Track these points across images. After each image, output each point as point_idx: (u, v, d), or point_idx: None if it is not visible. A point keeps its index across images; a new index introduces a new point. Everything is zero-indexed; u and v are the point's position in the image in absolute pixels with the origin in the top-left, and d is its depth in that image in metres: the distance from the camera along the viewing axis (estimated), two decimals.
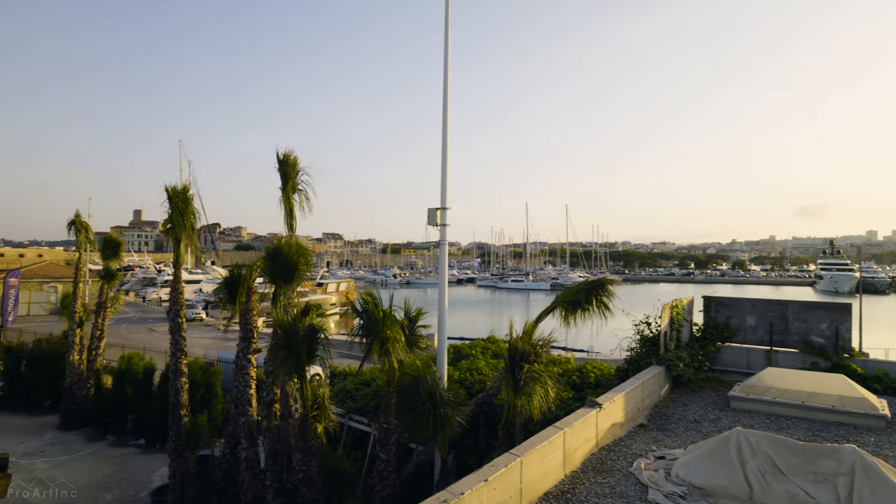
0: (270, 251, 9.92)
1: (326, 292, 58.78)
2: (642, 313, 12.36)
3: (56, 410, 19.68)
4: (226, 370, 18.45)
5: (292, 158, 11.16)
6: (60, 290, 46.40)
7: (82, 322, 19.70)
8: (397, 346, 8.30)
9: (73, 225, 20.76)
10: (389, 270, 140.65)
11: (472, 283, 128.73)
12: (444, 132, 9.96)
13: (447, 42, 10.07)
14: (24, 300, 44.58)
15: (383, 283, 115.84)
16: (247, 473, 10.08)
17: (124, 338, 32.36)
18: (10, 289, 29.43)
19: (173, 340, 12.22)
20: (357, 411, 12.33)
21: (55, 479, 14.40)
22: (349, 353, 26.49)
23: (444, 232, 9.90)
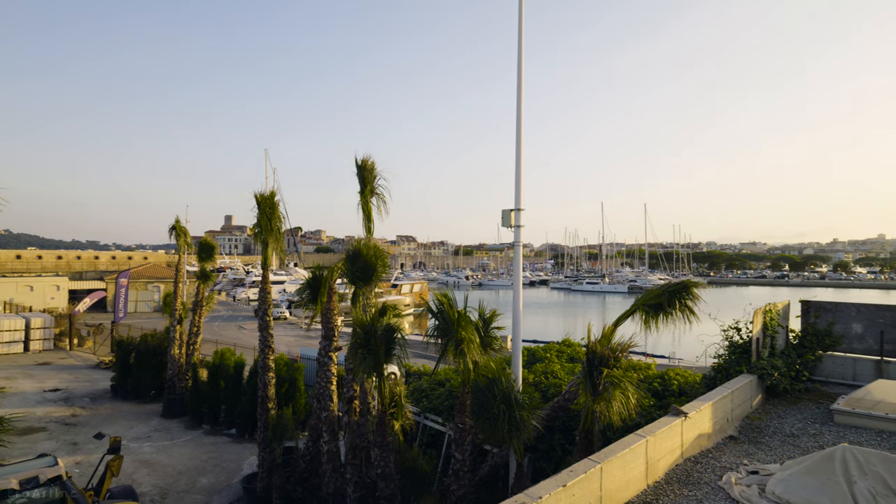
0: (350, 253, 10.31)
1: (401, 293, 60.11)
2: (731, 318, 11.62)
3: (159, 399, 21.51)
4: (308, 367, 19.39)
5: (370, 163, 11.52)
6: (162, 290, 50.76)
7: (181, 319, 21.41)
8: (472, 347, 8.34)
9: (173, 230, 22.62)
10: (462, 272, 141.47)
11: (545, 286, 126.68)
12: (518, 132, 9.90)
13: (521, 41, 10.00)
14: (132, 298, 49.18)
15: (456, 284, 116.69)
16: (328, 466, 10.53)
17: (217, 334, 34.84)
18: (121, 288, 32.53)
19: (262, 337, 12.99)
20: (432, 410, 12.52)
21: (159, 462, 15.77)
22: (423, 353, 26.95)
23: (518, 233, 9.83)
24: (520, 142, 9.91)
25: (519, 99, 9.95)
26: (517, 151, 9.92)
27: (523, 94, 10.01)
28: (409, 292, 62.35)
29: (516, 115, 9.96)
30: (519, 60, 10.01)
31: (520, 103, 9.94)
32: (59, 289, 46.84)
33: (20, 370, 26.76)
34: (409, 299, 59.59)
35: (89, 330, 34.72)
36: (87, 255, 74.42)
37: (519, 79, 10.00)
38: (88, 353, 32.00)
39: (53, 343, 33.06)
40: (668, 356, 27.08)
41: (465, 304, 8.95)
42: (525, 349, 14.67)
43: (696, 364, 21.10)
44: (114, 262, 71.67)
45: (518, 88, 9.99)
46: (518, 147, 9.91)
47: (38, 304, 42.05)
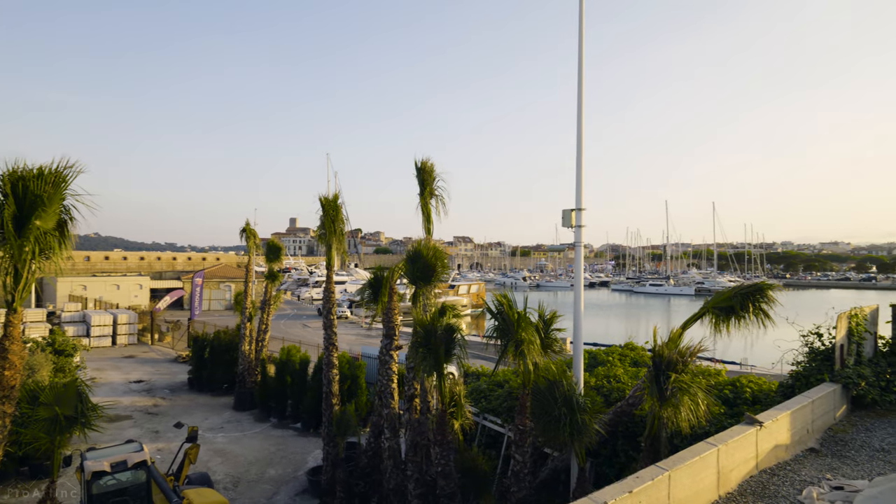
0: (411, 254, 10.49)
1: (458, 294, 60.28)
2: (811, 323, 10.87)
3: (231, 393, 22.68)
4: (369, 364, 19.86)
5: (429, 165, 11.68)
6: (233, 289, 53.51)
7: (251, 317, 22.48)
8: (532, 349, 8.27)
9: (243, 232, 23.81)
10: (519, 273, 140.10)
11: (605, 287, 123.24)
12: (579, 131, 9.73)
13: (581, 38, 9.83)
14: (206, 297, 52.17)
15: (513, 285, 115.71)
16: (389, 462, 10.74)
17: (283, 332, 36.29)
18: (197, 287, 34.57)
19: (326, 335, 13.42)
20: (490, 411, 12.50)
21: (231, 452, 16.64)
22: (481, 354, 26.94)
23: (579, 233, 9.66)
24: (581, 140, 9.73)
25: (580, 97, 9.78)
26: (578, 150, 9.76)
27: (584, 91, 9.84)
28: (467, 293, 62.43)
29: (577, 114, 9.80)
30: (580, 59, 9.84)
31: (580, 101, 9.77)
32: (141, 287, 50.42)
33: (108, 362, 29.01)
34: (466, 300, 59.66)
35: (168, 326, 37.16)
36: (165, 256, 79.74)
37: (580, 77, 9.83)
38: (167, 348, 34.24)
39: (137, 338, 35.62)
40: (739, 362, 25.66)
41: (525, 304, 8.88)
42: (586, 352, 14.36)
43: (770, 371, 19.89)
44: (189, 262, 76.32)
45: (579, 86, 9.83)
46: (579, 146, 9.74)
47: (124, 302, 45.43)
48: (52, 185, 7.14)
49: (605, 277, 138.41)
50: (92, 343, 32.90)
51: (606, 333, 44.43)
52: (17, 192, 6.89)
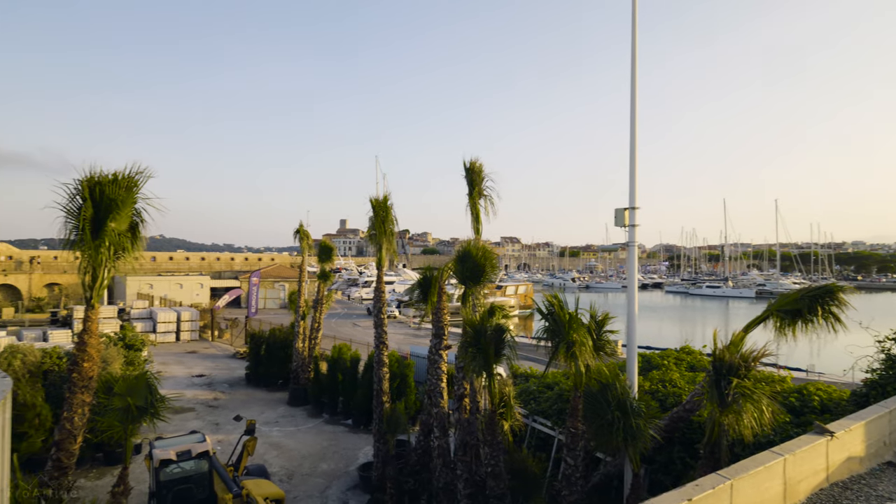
0: (460, 254, 10.53)
1: (505, 295, 59.94)
2: (887, 328, 10.14)
3: (285, 388, 23.45)
4: (418, 364, 20.04)
5: (477, 166, 11.67)
6: (287, 288, 55.30)
7: (304, 315, 23.17)
8: (584, 351, 8.12)
9: (297, 233, 24.59)
10: (568, 274, 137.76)
11: (658, 289, 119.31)
12: (633, 127, 9.47)
13: (634, 33, 9.57)
14: (262, 296, 54.13)
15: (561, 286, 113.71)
16: (439, 461, 10.81)
17: (335, 330, 37.17)
18: (253, 286, 35.96)
19: (377, 334, 13.65)
20: (540, 413, 12.36)
21: (286, 445, 17.19)
22: (529, 355, 26.68)
23: (632, 233, 9.40)
24: (634, 137, 9.48)
25: (633, 92, 9.52)
26: (631, 147, 9.51)
27: (637, 87, 9.57)
28: (514, 294, 61.99)
29: (630, 110, 9.55)
30: (632, 54, 9.58)
31: (633, 97, 9.51)
32: (202, 286, 52.95)
33: (173, 357, 30.61)
34: (513, 301, 59.24)
35: (227, 323, 38.83)
36: (224, 256, 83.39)
37: (633, 73, 9.57)
38: (226, 344, 35.78)
39: (198, 334, 37.44)
40: (805, 369, 24.26)
41: (577, 306, 8.73)
42: (640, 355, 13.96)
43: (841, 379, 18.68)
44: (246, 262, 79.50)
45: (632, 82, 9.57)
46: (632, 143, 9.48)
47: (187, 300, 47.84)
48: (126, 189, 7.63)
49: (659, 279, 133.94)
50: (158, 339, 34.82)
51: (660, 336, 43.03)
52: (94, 196, 7.41)
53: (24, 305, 50.91)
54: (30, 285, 54.05)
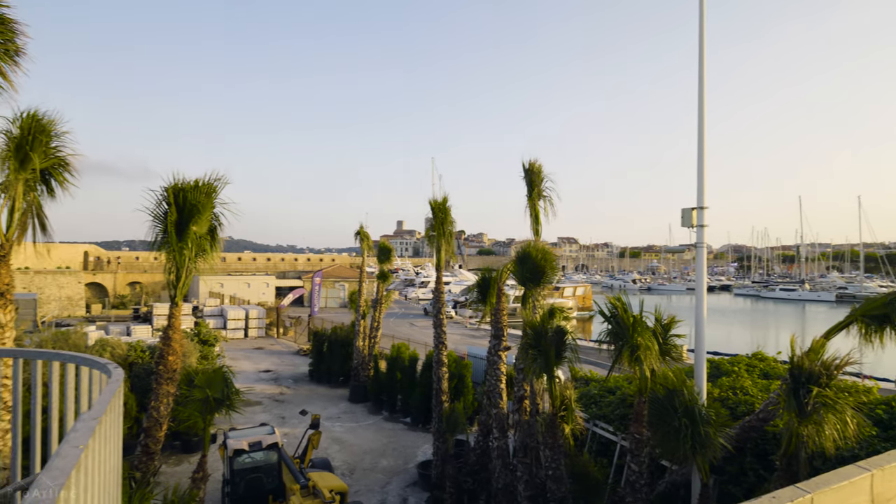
0: (520, 255, 10.51)
1: (563, 296, 58.94)
2: None
3: (346, 385, 24.14)
4: (475, 365, 20.10)
5: (536, 166, 11.61)
6: (347, 288, 56.86)
7: (364, 315, 23.77)
8: (649, 355, 7.91)
9: (357, 235, 25.27)
10: (628, 275, 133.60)
11: (727, 291, 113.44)
12: (700, 122, 9.13)
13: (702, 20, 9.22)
14: (323, 295, 55.94)
15: (621, 288, 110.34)
16: (498, 462, 10.83)
17: (393, 330, 37.85)
18: (316, 286, 37.26)
19: (436, 334, 13.84)
20: (601, 418, 12.12)
21: (347, 441, 17.72)
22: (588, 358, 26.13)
23: (701, 234, 9.06)
24: (702, 132, 9.13)
25: (700, 85, 9.18)
26: (699, 143, 9.16)
27: (705, 79, 9.22)
28: (572, 295, 60.83)
29: (698, 104, 9.20)
30: (700, 44, 9.23)
31: (701, 90, 9.16)
32: (268, 286, 55.40)
33: (241, 353, 32.20)
34: (571, 303, 58.13)
35: (291, 321, 40.43)
36: (288, 257, 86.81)
37: (700, 64, 9.22)
38: (290, 342, 37.25)
39: (265, 331, 39.18)
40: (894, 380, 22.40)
41: (641, 308, 8.52)
42: (708, 361, 13.40)
43: None
44: (309, 263, 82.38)
45: (700, 74, 9.22)
46: (700, 138, 9.14)
47: (254, 299, 50.19)
48: (205, 194, 8.18)
49: (727, 281, 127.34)
50: (228, 335, 36.74)
51: (728, 342, 40.98)
52: (178, 202, 7.99)
53: (109, 302, 55.13)
54: (114, 284, 58.41)
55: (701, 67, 9.21)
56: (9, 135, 7.53)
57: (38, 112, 7.59)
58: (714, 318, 61.28)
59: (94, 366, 2.96)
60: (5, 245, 7.61)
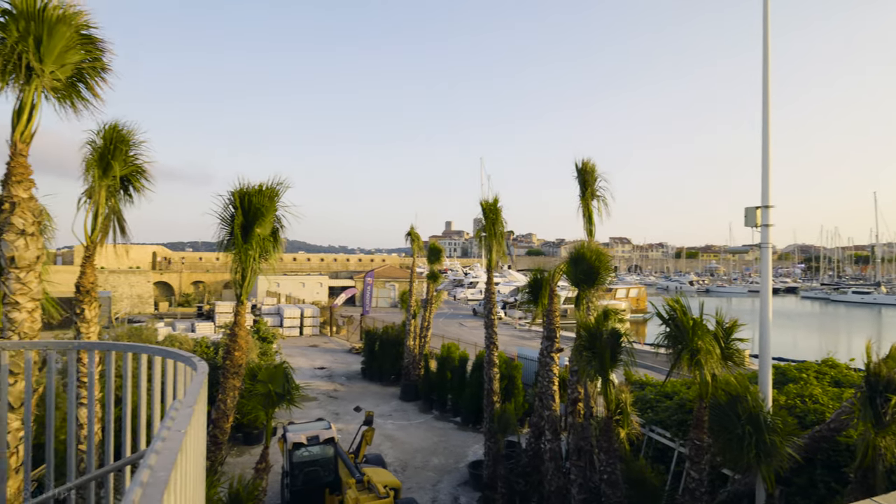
0: (573, 256, 10.41)
1: (616, 298, 57.51)
2: None
3: (397, 384, 24.53)
4: (525, 366, 19.99)
5: (590, 166, 11.44)
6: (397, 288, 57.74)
7: (415, 314, 24.09)
8: (710, 359, 7.66)
9: (408, 236, 25.66)
10: (685, 277, 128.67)
11: (793, 294, 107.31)
12: (765, 115, 8.75)
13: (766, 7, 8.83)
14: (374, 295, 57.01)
15: (677, 290, 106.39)
16: (551, 464, 10.75)
17: (442, 330, 38.10)
18: (368, 286, 38.04)
19: (487, 335, 13.88)
20: (658, 423, 11.81)
21: (399, 438, 18.01)
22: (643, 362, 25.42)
23: (766, 234, 8.68)
24: (767, 126, 8.75)
25: (765, 76, 8.79)
26: (764, 139, 8.78)
27: (770, 70, 8.82)
28: (625, 297, 59.23)
29: (762, 97, 8.82)
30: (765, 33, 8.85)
31: (766, 81, 8.77)
32: (321, 286, 57.01)
33: (297, 350, 33.29)
34: (624, 304, 56.60)
35: (343, 320, 41.44)
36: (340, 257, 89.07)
37: (765, 54, 8.83)
38: (343, 340, 38.19)
39: (319, 330, 40.34)
40: None
41: (701, 311, 8.25)
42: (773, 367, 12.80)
43: None
44: (360, 263, 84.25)
45: (764, 64, 8.84)
46: (765, 133, 8.76)
47: (308, 298, 51.78)
48: (268, 198, 8.59)
49: (793, 283, 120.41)
50: (284, 332, 38.08)
51: (794, 347, 38.85)
52: (244, 205, 8.43)
53: (175, 300, 58.31)
54: (180, 282, 61.69)
55: (766, 61, 8.82)
56: (93, 145, 8.16)
57: (119, 123, 8.18)
58: (779, 321, 58.08)
59: (180, 359, 3.21)
60: (90, 247, 8.24)
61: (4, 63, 5.65)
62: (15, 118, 5.82)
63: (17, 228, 5.66)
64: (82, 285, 7.94)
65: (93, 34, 6.44)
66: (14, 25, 5.71)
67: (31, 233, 5.73)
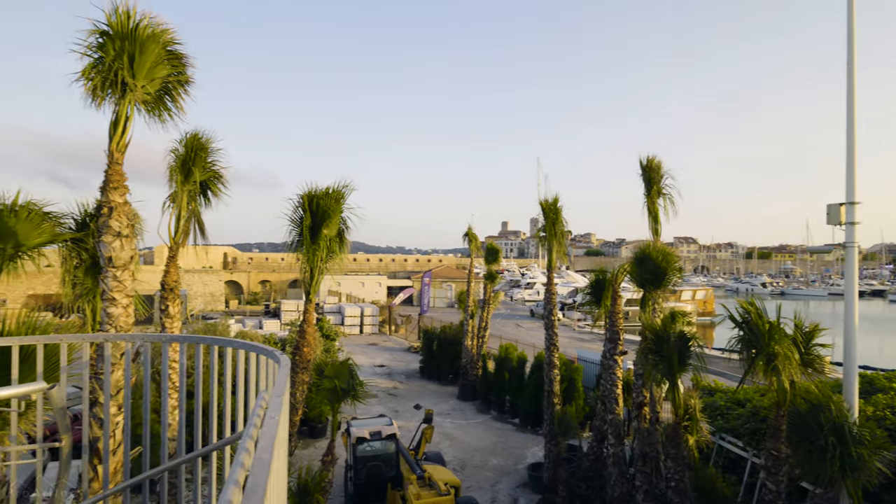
0: (639, 256, 10.14)
1: (681, 300, 55.18)
2: None
3: (455, 383, 24.69)
4: (585, 368, 19.60)
5: (656, 163, 11.11)
6: (454, 288, 58.08)
7: (473, 314, 24.17)
8: (789, 365, 7.25)
9: (466, 236, 25.79)
10: (757, 278, 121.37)
11: (879, 297, 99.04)
12: (850, 106, 8.18)
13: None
14: (431, 294, 57.61)
15: (748, 292, 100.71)
16: (614, 470, 10.51)
17: (499, 330, 37.98)
18: (426, 286, 38.51)
19: (547, 336, 13.74)
20: (729, 431, 11.29)
21: (457, 437, 18.13)
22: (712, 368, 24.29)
23: (851, 232, 8.12)
24: (852, 117, 8.18)
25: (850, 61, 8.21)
26: (848, 130, 8.22)
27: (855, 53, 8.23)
28: (691, 299, 56.64)
29: (847, 88, 8.25)
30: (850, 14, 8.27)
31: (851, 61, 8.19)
32: (380, 285, 58.24)
33: (357, 348, 34.18)
34: (690, 307, 54.17)
35: (402, 319, 42.15)
36: (398, 258, 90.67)
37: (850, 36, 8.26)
38: (401, 339, 38.85)
39: (378, 328, 41.24)
40: None
41: (778, 314, 7.83)
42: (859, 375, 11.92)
43: None
44: (417, 263, 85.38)
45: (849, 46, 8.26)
46: (850, 123, 8.21)
47: (368, 297, 53.05)
48: (335, 200, 8.94)
49: (880, 285, 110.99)
50: (345, 330, 39.20)
51: (881, 355, 35.97)
52: (312, 208, 8.82)
53: (244, 298, 61.29)
54: (248, 282, 64.80)
55: (850, 42, 8.24)
56: (176, 153, 8.77)
57: (199, 132, 8.74)
58: (865, 326, 53.70)
59: (262, 352, 3.42)
60: (173, 247, 8.86)
61: (103, 80, 6.18)
62: (112, 130, 6.36)
63: (114, 231, 6.18)
64: (167, 283, 8.55)
65: (177, 50, 6.93)
66: (111, 45, 6.24)
67: (125, 235, 6.24)
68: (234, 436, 3.39)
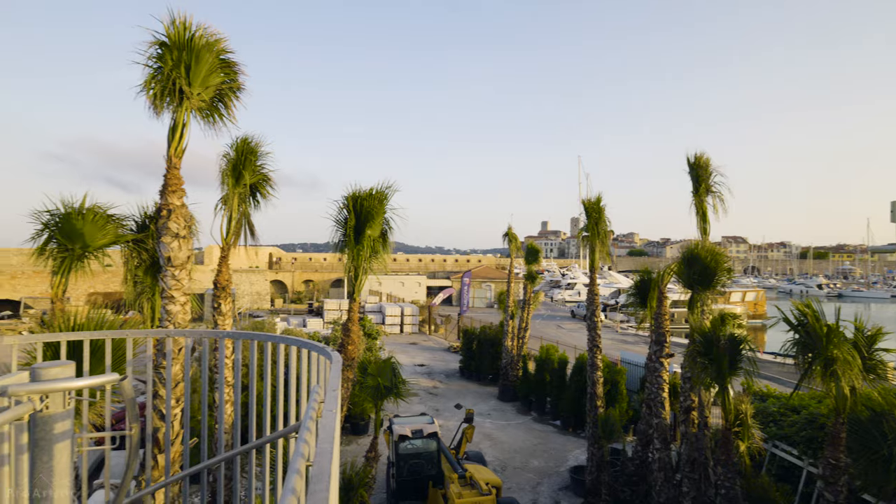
0: (687, 256, 9.87)
1: (730, 302, 53.23)
2: None
3: (495, 384, 24.62)
4: (629, 371, 19.19)
5: (703, 160, 10.79)
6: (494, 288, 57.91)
7: (513, 315, 24.04)
8: (849, 370, 6.91)
9: (506, 236, 25.66)
10: (812, 279, 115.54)
11: None
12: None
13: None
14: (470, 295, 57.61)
15: (803, 293, 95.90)
16: (660, 475, 10.26)
17: (539, 331, 37.64)
18: (465, 286, 38.55)
19: (590, 337, 13.55)
20: (782, 438, 10.84)
21: (498, 438, 18.08)
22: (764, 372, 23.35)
23: None
24: None
25: None
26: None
27: None
28: (741, 301, 54.56)
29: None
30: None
31: None
32: (420, 285, 58.71)
33: (398, 347, 34.56)
34: (740, 309, 52.12)
35: (442, 319, 42.34)
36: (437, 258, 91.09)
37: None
38: (441, 339, 39.03)
39: (418, 328, 41.57)
40: None
41: (837, 317, 7.47)
42: None
43: None
44: (456, 264, 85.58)
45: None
46: None
47: (408, 297, 53.59)
48: (378, 201, 9.10)
49: None
50: (386, 329, 39.70)
51: None
52: (356, 208, 9.01)
53: (289, 297, 62.97)
54: (292, 281, 66.52)
55: None
56: (227, 157, 9.13)
57: (249, 137, 9.07)
58: None
59: (314, 349, 3.54)
60: (225, 248, 9.22)
61: (162, 88, 6.51)
62: (170, 136, 6.69)
63: (173, 232, 6.51)
64: (219, 282, 8.91)
65: (229, 58, 7.23)
66: (169, 55, 6.57)
67: (183, 236, 6.56)
68: (287, 428, 3.52)
